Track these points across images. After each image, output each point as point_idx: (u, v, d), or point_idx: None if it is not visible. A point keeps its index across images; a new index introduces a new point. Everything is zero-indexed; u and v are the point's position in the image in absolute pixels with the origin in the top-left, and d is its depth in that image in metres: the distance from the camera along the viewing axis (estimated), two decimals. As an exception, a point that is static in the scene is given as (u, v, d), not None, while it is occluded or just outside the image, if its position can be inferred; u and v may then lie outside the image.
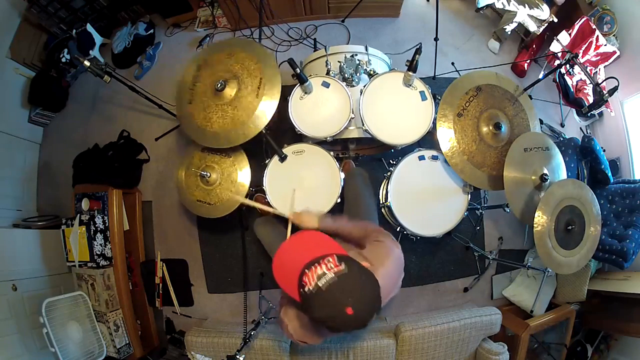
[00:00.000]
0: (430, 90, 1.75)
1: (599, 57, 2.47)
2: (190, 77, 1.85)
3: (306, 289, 0.88)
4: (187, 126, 1.83)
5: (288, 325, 1.10)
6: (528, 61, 2.62)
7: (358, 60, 1.82)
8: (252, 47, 1.85)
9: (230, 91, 1.75)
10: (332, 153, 1.76)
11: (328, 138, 1.73)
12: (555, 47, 2.40)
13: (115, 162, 2.48)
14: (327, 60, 1.86)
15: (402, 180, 1.80)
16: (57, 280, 2.27)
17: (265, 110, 1.71)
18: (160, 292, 2.35)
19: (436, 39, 2.36)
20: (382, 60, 2.01)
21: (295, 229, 1.37)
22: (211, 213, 1.92)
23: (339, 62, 1.82)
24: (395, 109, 1.75)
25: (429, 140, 1.80)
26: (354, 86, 1.81)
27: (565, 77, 2.42)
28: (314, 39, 2.63)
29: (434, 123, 1.72)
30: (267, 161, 1.79)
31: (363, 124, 1.70)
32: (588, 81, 2.42)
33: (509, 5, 2.40)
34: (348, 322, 0.87)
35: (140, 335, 2.27)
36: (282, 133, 2.13)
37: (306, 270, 0.89)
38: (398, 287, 1.15)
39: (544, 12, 2.40)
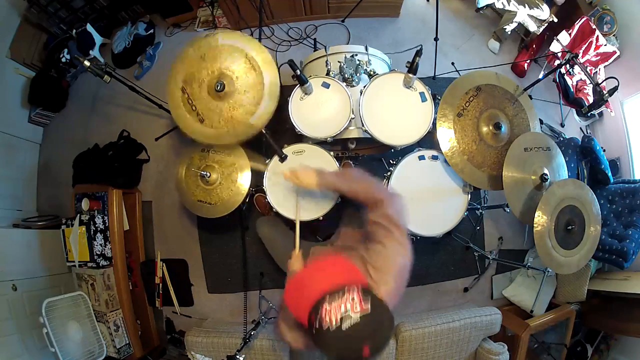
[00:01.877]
0: (430, 92, 1.75)
1: (599, 57, 2.47)
2: (183, 105, 1.78)
3: (325, 326, 0.79)
4: (216, 139, 1.76)
5: (292, 343, 1.07)
6: (528, 61, 2.62)
7: (358, 60, 1.82)
8: (202, 41, 1.74)
9: (230, 84, 1.70)
10: (332, 153, 1.76)
11: (328, 138, 1.73)
12: (555, 47, 2.40)
13: (115, 162, 2.48)
14: (327, 60, 1.86)
15: (402, 180, 1.80)
16: (57, 280, 2.27)
17: (270, 70, 1.69)
18: (160, 292, 2.35)
19: (436, 39, 2.36)
20: (382, 60, 2.01)
21: (302, 229, 1.34)
22: (212, 213, 1.91)
23: (339, 62, 1.81)
24: (395, 110, 1.75)
25: (429, 140, 1.80)
26: (354, 86, 1.81)
27: (565, 77, 2.42)
28: (314, 39, 2.63)
29: (434, 123, 1.72)
30: (267, 161, 1.79)
31: (363, 125, 1.70)
32: (588, 81, 2.42)
33: (509, 5, 2.40)
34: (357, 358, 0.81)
35: (140, 335, 2.26)
36: (282, 133, 2.14)
37: (326, 304, 0.81)
38: (398, 297, 1.07)
39: (544, 12, 2.40)
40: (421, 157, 1.81)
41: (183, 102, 1.78)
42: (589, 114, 2.42)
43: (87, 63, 1.77)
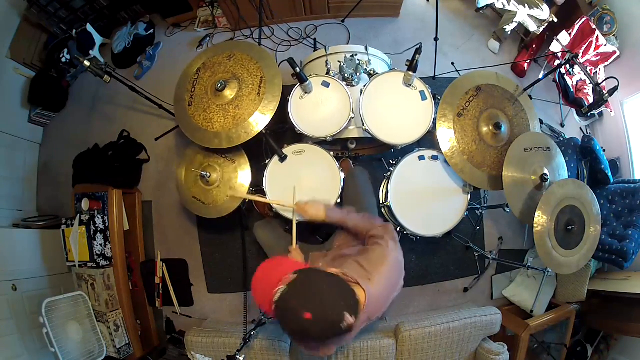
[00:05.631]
0: (430, 90, 1.75)
1: (599, 57, 2.47)
2: (189, 80, 1.86)
3: (272, 307, 0.90)
4: (187, 128, 1.82)
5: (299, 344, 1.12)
6: (528, 61, 2.62)
7: (358, 60, 1.82)
8: (251, 48, 1.87)
9: (230, 91, 1.76)
10: (332, 153, 1.76)
11: (328, 138, 1.73)
12: (555, 47, 2.40)
13: (115, 162, 2.48)
14: (327, 60, 1.86)
15: (402, 180, 1.80)
16: (57, 280, 2.27)
17: (267, 108, 1.72)
18: (160, 292, 2.35)
19: (436, 39, 2.36)
20: (382, 60, 2.01)
21: (302, 229, 1.38)
22: (204, 212, 1.92)
23: (339, 62, 1.81)
24: (395, 109, 1.75)
25: (429, 140, 1.80)
26: (354, 86, 1.81)
27: (565, 77, 2.42)
28: (314, 39, 2.63)
29: (434, 123, 1.72)
30: (267, 161, 1.79)
31: (363, 124, 1.70)
32: (588, 81, 2.42)
33: (509, 5, 2.40)
34: (314, 328, 0.86)
35: (140, 335, 2.26)
36: (282, 133, 2.14)
37: (274, 293, 0.91)
38: (399, 288, 1.15)
39: (544, 12, 2.40)
40: (421, 157, 1.81)
41: (190, 80, 1.86)
42: (589, 114, 2.42)
43: (87, 63, 1.77)
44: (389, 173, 1.87)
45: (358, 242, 1.42)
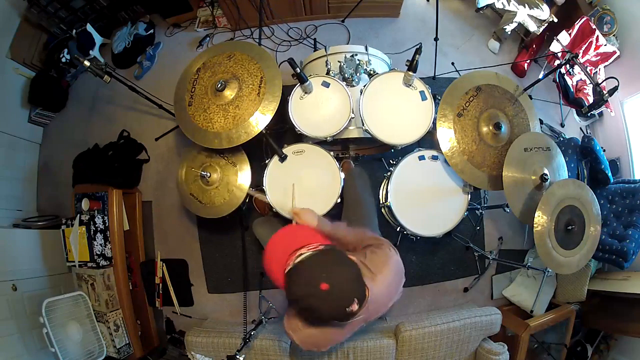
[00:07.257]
0: (430, 90, 1.75)
1: (599, 57, 2.47)
2: (189, 80, 1.86)
3: (287, 269, 0.93)
4: (187, 128, 1.82)
5: (293, 336, 1.11)
6: (528, 61, 2.63)
7: (358, 60, 1.82)
8: (251, 48, 1.87)
9: (230, 91, 1.76)
10: (332, 153, 1.76)
11: (328, 138, 1.73)
12: (555, 47, 2.40)
13: (115, 162, 2.48)
14: (327, 60, 1.86)
15: (402, 180, 1.80)
16: (57, 280, 2.27)
17: (267, 108, 1.72)
18: (160, 292, 2.35)
19: (436, 39, 2.36)
20: (382, 60, 2.01)
21: None
22: (200, 211, 1.93)
23: (339, 62, 1.81)
24: (395, 109, 1.75)
25: (429, 140, 1.80)
26: (354, 86, 1.81)
27: (565, 77, 2.42)
28: (314, 39, 2.63)
29: (434, 123, 1.72)
30: (267, 161, 1.79)
31: (363, 124, 1.70)
32: (588, 81, 2.42)
33: (509, 5, 2.40)
34: (324, 300, 0.88)
35: (140, 335, 2.26)
36: (282, 133, 2.14)
37: (291, 255, 0.95)
38: (399, 292, 1.16)
39: (544, 12, 2.40)
40: (421, 157, 1.81)
41: (190, 80, 1.86)
42: (589, 114, 2.42)
43: (87, 63, 1.77)
44: (389, 173, 1.87)
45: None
